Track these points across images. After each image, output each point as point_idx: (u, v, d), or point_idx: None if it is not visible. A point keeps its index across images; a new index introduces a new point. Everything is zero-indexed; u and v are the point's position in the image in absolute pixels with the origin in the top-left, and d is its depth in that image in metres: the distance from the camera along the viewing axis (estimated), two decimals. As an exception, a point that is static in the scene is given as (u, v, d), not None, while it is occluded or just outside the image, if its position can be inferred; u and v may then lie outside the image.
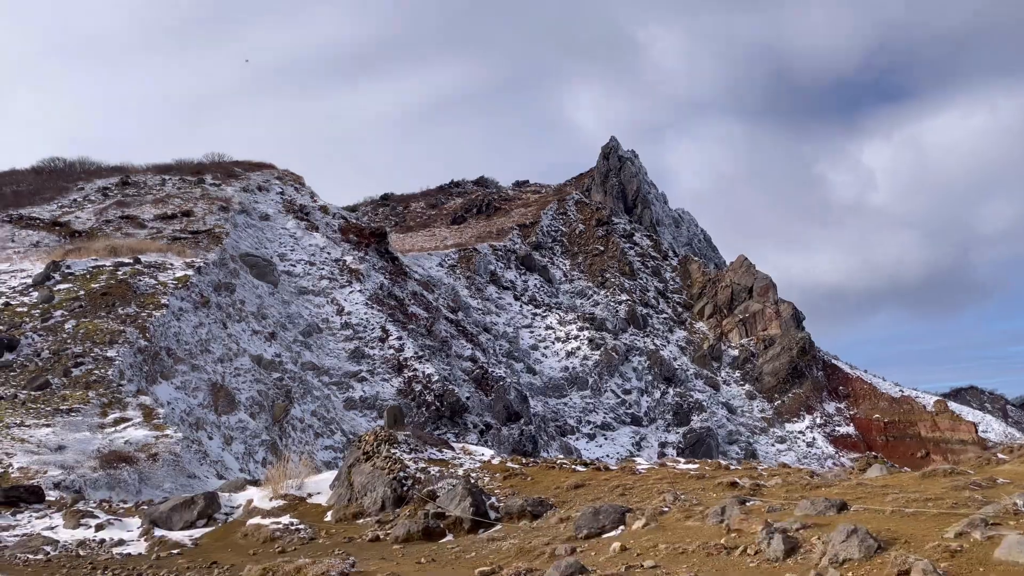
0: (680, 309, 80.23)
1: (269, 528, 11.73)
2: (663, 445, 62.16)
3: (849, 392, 74.32)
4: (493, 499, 11.52)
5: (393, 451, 12.65)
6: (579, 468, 13.54)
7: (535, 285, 74.73)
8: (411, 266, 60.74)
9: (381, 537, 10.84)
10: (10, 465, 19.80)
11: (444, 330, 52.57)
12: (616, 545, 7.63)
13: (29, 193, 56.58)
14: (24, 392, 26.53)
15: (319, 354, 43.17)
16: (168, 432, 25.06)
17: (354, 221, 61.67)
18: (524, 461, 14.30)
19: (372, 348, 44.83)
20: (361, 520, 11.83)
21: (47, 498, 15.66)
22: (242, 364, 36.84)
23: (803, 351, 74.00)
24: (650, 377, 68.10)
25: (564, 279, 78.50)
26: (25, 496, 15.05)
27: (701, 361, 73.92)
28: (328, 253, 51.81)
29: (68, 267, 38.46)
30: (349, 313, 46.74)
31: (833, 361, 79.29)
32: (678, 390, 67.93)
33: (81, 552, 11.70)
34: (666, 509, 8.94)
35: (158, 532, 12.35)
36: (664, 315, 78.41)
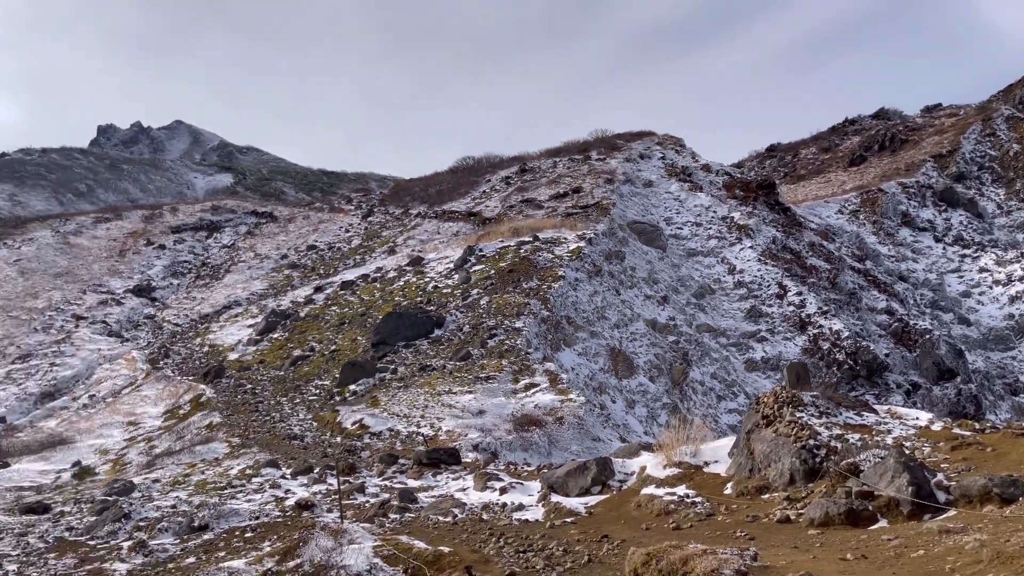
0: None
1: (663, 500, 10.76)
2: None
3: None
4: (940, 476, 8.99)
5: (798, 415, 10.75)
6: (1064, 437, 10.14)
7: (960, 222, 63.65)
8: (805, 216, 55.91)
9: (792, 518, 9.11)
10: (440, 428, 22.05)
11: (850, 281, 47.30)
12: None
13: (448, 191, 64.63)
14: (451, 363, 29.70)
15: (713, 315, 41.76)
16: (572, 396, 25.91)
17: (738, 176, 58.74)
18: (977, 427, 11.24)
19: (769, 306, 42.02)
20: (767, 496, 10.21)
21: (464, 460, 16.89)
22: (637, 329, 37.08)
23: None
24: None
25: (999, 212, 65.64)
26: (445, 458, 16.37)
27: None
28: (714, 212, 49.98)
29: (480, 250, 42.56)
30: (741, 271, 44.44)
31: None
32: None
33: (484, 516, 12.01)
34: None
35: (555, 498, 12.21)
36: None
